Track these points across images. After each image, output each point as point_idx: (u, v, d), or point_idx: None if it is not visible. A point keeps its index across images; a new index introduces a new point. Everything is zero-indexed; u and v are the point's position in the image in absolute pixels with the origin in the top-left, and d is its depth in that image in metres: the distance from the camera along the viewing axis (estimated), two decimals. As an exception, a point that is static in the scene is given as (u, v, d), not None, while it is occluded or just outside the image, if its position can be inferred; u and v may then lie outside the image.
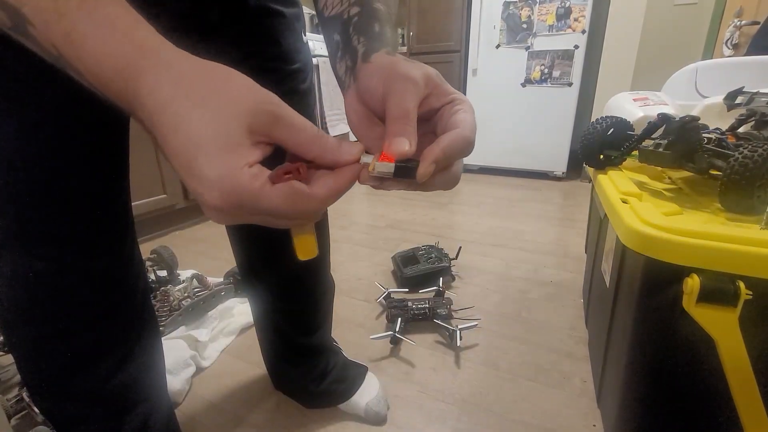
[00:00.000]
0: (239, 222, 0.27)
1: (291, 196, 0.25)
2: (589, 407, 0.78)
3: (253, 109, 0.24)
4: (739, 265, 0.46)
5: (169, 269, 1.18)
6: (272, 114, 0.25)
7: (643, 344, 0.56)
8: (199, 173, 0.23)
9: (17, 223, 0.38)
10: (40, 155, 0.36)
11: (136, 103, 0.24)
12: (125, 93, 0.24)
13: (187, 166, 0.23)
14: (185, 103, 0.23)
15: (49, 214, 0.39)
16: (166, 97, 0.23)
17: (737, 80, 0.85)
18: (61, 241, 0.40)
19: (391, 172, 0.27)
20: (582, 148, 0.86)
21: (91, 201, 0.42)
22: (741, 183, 0.56)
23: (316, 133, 0.27)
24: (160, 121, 0.23)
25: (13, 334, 0.43)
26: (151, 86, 0.23)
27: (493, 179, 2.72)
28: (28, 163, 0.36)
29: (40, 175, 0.37)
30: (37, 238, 0.39)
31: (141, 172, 1.53)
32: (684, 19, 2.45)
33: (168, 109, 0.23)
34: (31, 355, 0.44)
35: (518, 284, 1.25)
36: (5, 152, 0.35)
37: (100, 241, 0.44)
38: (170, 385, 0.77)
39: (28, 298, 0.41)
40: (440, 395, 0.81)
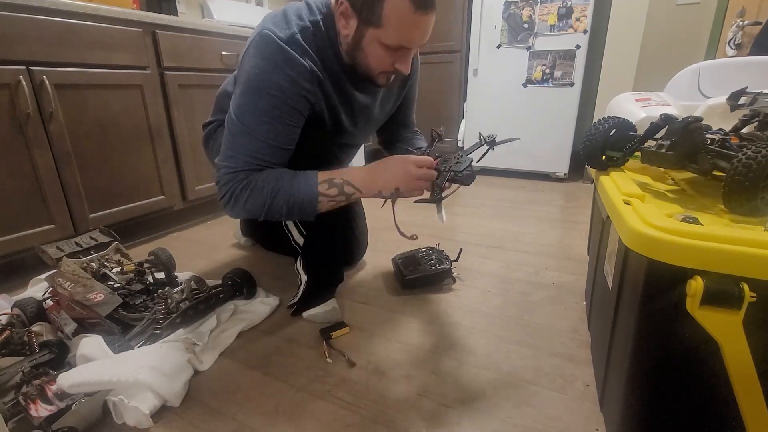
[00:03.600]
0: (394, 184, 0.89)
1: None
2: (591, 411, 0.77)
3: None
4: (743, 267, 0.45)
5: (166, 271, 1.18)
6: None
7: (646, 347, 0.55)
8: (397, 178, 0.88)
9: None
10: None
11: (349, 175, 0.89)
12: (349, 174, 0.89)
13: (386, 181, 0.89)
14: (372, 171, 0.91)
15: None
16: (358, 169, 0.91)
17: (740, 80, 0.84)
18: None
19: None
20: (584, 149, 0.86)
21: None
22: (745, 184, 0.56)
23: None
24: (362, 172, 0.90)
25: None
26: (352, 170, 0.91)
27: (494, 180, 2.71)
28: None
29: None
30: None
31: (139, 173, 1.53)
32: (686, 19, 2.45)
33: (364, 168, 0.92)
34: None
35: (520, 287, 1.25)
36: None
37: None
38: (167, 389, 0.76)
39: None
40: (441, 398, 0.80)
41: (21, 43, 1.16)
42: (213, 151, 1.16)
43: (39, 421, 0.68)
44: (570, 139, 2.56)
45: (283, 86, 0.83)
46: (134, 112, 1.49)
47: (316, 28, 0.87)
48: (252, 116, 0.85)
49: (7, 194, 1.18)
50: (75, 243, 1.15)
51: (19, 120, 1.18)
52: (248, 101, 0.85)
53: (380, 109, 1.12)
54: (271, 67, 0.82)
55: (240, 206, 0.87)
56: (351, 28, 0.84)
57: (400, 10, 0.77)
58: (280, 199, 0.86)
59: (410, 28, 0.80)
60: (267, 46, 0.83)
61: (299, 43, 0.84)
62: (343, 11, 0.83)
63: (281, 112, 0.86)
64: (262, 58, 0.83)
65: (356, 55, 0.87)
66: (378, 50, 0.84)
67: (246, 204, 0.87)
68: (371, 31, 0.82)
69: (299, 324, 1.06)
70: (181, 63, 1.61)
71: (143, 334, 0.91)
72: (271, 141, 0.87)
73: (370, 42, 0.83)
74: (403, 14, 0.78)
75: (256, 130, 0.85)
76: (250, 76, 0.84)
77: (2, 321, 0.93)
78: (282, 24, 0.85)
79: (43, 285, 1.12)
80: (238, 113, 0.86)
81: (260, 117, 0.85)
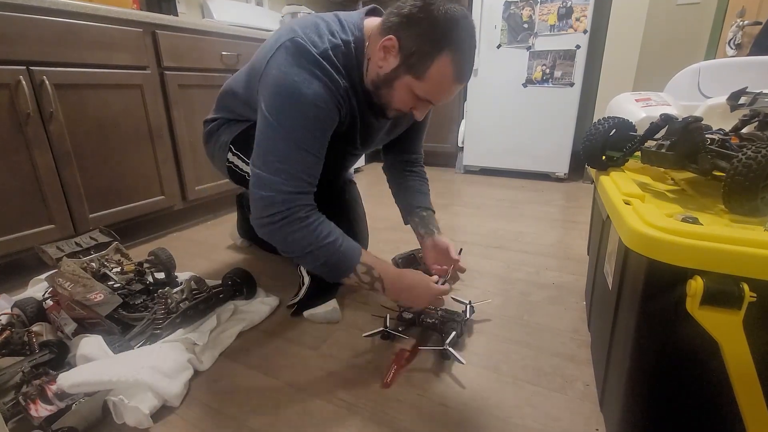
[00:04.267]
0: (411, 296, 0.94)
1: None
2: (591, 411, 0.77)
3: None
4: (743, 267, 0.45)
5: (166, 271, 1.18)
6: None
7: (646, 347, 0.55)
8: (421, 299, 0.95)
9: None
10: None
11: (384, 275, 0.90)
12: (385, 273, 0.90)
13: (409, 297, 0.94)
14: (402, 279, 0.93)
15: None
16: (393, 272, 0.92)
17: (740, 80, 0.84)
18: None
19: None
20: (584, 149, 0.86)
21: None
22: (745, 184, 0.56)
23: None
24: (394, 276, 0.91)
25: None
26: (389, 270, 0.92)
27: (494, 180, 2.71)
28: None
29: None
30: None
31: (139, 173, 1.53)
32: (686, 18, 2.45)
33: (397, 272, 0.93)
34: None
35: (520, 286, 1.25)
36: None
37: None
38: (167, 389, 0.76)
39: None
40: (441, 398, 0.80)
41: (21, 43, 1.16)
42: (215, 149, 1.16)
43: (39, 421, 0.68)
44: (570, 139, 2.56)
45: (324, 97, 0.82)
46: (134, 112, 1.49)
47: (347, 48, 0.86)
48: (298, 125, 0.81)
49: (7, 194, 1.18)
50: (75, 243, 1.15)
51: (19, 120, 1.18)
52: (291, 109, 0.81)
53: (390, 132, 1.13)
54: (309, 76, 0.80)
55: (283, 234, 0.83)
56: (389, 66, 0.83)
57: (444, 74, 0.81)
58: (323, 252, 0.84)
59: (444, 91, 0.85)
60: (303, 55, 0.81)
61: (332, 60, 0.83)
62: (388, 46, 0.81)
63: (324, 123, 0.84)
64: (299, 67, 0.80)
65: (381, 88, 0.87)
66: (405, 95, 0.85)
67: (291, 236, 0.82)
68: (409, 78, 0.82)
69: (299, 324, 1.06)
70: (181, 63, 1.61)
71: (143, 334, 0.91)
72: (317, 153, 0.85)
73: (402, 86, 0.84)
74: (445, 78, 0.82)
75: (304, 141, 0.82)
76: (287, 83, 0.80)
77: (2, 321, 0.93)
78: (314, 36, 0.83)
79: (43, 285, 1.12)
80: (282, 121, 0.81)
81: (308, 127, 0.82)
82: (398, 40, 0.80)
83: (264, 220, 0.83)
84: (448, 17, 0.77)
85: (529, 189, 2.47)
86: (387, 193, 1.30)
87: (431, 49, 0.78)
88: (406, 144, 1.24)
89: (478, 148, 2.85)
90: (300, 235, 0.82)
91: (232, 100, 1.07)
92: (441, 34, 0.77)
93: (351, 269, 0.86)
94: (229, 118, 1.12)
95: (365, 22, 0.89)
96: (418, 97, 0.85)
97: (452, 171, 3.02)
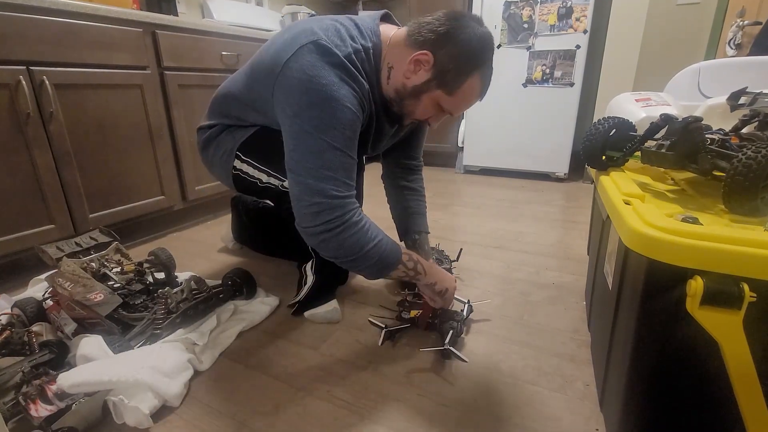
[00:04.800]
0: (442, 287, 0.97)
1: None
2: (591, 411, 0.77)
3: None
4: (743, 267, 0.45)
5: (166, 271, 1.18)
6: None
7: (646, 347, 0.55)
8: (450, 280, 0.99)
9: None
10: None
11: (424, 263, 0.94)
12: (424, 261, 0.95)
13: (443, 278, 0.98)
14: (433, 265, 0.98)
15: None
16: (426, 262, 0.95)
17: (740, 80, 0.84)
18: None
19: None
20: (584, 149, 0.86)
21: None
22: (745, 184, 0.56)
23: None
24: (429, 264, 0.95)
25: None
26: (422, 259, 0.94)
27: (494, 180, 2.71)
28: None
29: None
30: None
31: (139, 173, 1.53)
32: (686, 18, 2.45)
33: (431, 266, 0.97)
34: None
35: (520, 287, 1.25)
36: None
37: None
38: (167, 389, 0.76)
39: None
40: (441, 398, 0.80)
41: (21, 43, 1.16)
42: (215, 157, 1.12)
43: (39, 421, 0.68)
44: (570, 139, 2.56)
45: (353, 100, 0.82)
46: (134, 112, 1.49)
47: (366, 54, 0.86)
48: (335, 129, 0.80)
49: (7, 194, 1.18)
50: (75, 243, 1.15)
51: (19, 120, 1.18)
52: (325, 113, 0.79)
53: (394, 136, 1.14)
54: (337, 79, 0.80)
55: (339, 241, 0.81)
56: (419, 79, 0.85)
57: (473, 91, 0.87)
58: (375, 251, 0.84)
59: (466, 105, 0.91)
60: (329, 58, 0.80)
61: (356, 64, 0.84)
62: (422, 61, 0.83)
63: (356, 126, 0.84)
64: (326, 69, 0.79)
65: (407, 99, 0.89)
66: (430, 107, 0.89)
67: (347, 241, 0.82)
68: (439, 92, 0.86)
69: (299, 324, 1.06)
70: (181, 63, 1.61)
71: (143, 334, 0.91)
72: (355, 156, 0.85)
73: (430, 98, 0.87)
74: (471, 95, 0.88)
75: (345, 145, 0.82)
76: (316, 85, 0.78)
77: (2, 321, 0.93)
78: (336, 39, 0.83)
79: (43, 285, 1.12)
80: (319, 126, 0.79)
81: (344, 130, 0.81)
82: (434, 57, 0.83)
83: (318, 228, 0.81)
84: (480, 38, 0.83)
85: (529, 189, 2.47)
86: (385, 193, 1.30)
87: (466, 69, 0.83)
88: (407, 149, 1.24)
89: (478, 148, 2.85)
90: (355, 239, 0.82)
91: (231, 104, 1.04)
92: (475, 55, 0.83)
93: (400, 261, 0.89)
94: (228, 124, 1.08)
95: (381, 29, 0.90)
96: (441, 109, 0.90)
97: (452, 171, 3.02)
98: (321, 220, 0.80)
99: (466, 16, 0.84)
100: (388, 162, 1.27)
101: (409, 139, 1.21)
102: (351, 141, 0.83)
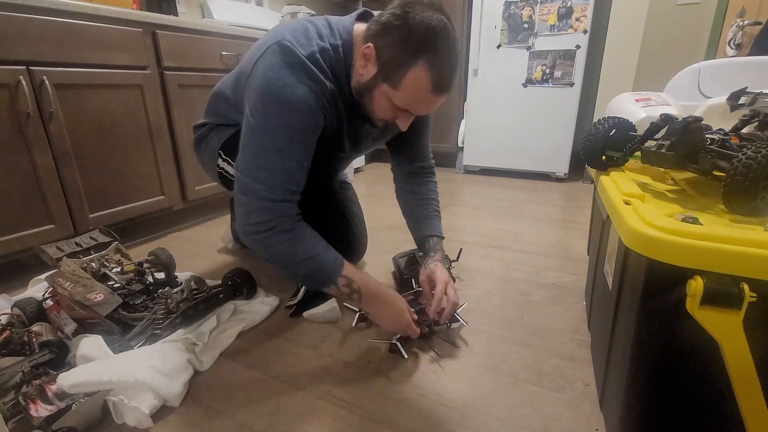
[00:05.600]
0: (384, 313, 0.91)
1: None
2: (591, 411, 0.77)
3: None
4: (743, 267, 0.45)
5: (166, 271, 1.18)
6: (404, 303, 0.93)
7: (646, 347, 0.55)
8: (389, 317, 0.91)
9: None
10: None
11: (363, 289, 0.88)
12: (364, 286, 0.88)
13: (379, 314, 0.91)
14: (379, 298, 0.90)
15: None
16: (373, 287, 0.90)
17: (740, 80, 0.84)
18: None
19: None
20: (584, 149, 0.86)
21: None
22: (745, 184, 0.56)
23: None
24: (372, 291, 0.90)
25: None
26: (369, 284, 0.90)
27: (494, 180, 2.71)
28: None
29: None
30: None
31: (139, 173, 1.53)
32: (686, 18, 2.45)
33: (377, 289, 0.91)
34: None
35: (520, 287, 1.25)
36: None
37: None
38: (167, 389, 0.76)
39: None
40: (441, 398, 0.80)
41: (21, 43, 1.16)
42: (205, 155, 1.14)
43: (39, 421, 0.68)
44: (570, 139, 2.56)
45: (309, 101, 0.80)
46: (134, 112, 1.49)
47: (335, 52, 0.85)
48: (281, 131, 0.80)
49: (7, 194, 1.18)
50: (75, 243, 1.15)
51: (19, 120, 1.18)
52: (275, 114, 0.79)
53: (379, 138, 1.11)
54: (295, 80, 0.79)
55: (267, 244, 0.82)
56: (368, 74, 0.82)
57: (420, 84, 0.78)
58: (305, 265, 0.83)
59: (421, 102, 0.82)
60: (290, 58, 0.79)
61: (319, 63, 0.82)
62: (366, 54, 0.80)
63: (309, 129, 0.83)
64: (285, 70, 0.79)
65: (363, 97, 0.86)
66: (385, 104, 0.84)
67: (277, 246, 0.82)
68: (385, 87, 0.81)
69: (299, 324, 1.06)
70: (181, 63, 1.61)
71: (143, 334, 0.91)
72: (303, 161, 0.83)
73: (380, 94, 0.83)
74: (420, 89, 0.78)
75: (287, 148, 0.80)
76: (272, 86, 0.79)
77: (2, 321, 0.93)
78: (302, 38, 0.82)
79: (43, 285, 1.12)
80: (265, 126, 0.80)
81: (292, 134, 0.80)
82: (375, 48, 0.79)
83: (248, 228, 0.82)
84: (425, 25, 0.74)
85: (529, 189, 2.47)
86: (386, 193, 1.30)
87: (406, 57, 0.76)
88: (413, 150, 1.19)
89: (478, 148, 2.85)
90: (283, 248, 0.82)
91: (221, 103, 1.05)
92: (417, 42, 0.75)
93: (331, 281, 0.86)
94: (217, 123, 1.10)
95: (355, 27, 0.88)
96: (396, 107, 0.84)
97: (452, 171, 3.02)
98: (251, 220, 0.81)
99: (418, 3, 0.76)
100: (398, 165, 1.23)
101: (411, 138, 1.17)
102: (300, 144, 0.82)
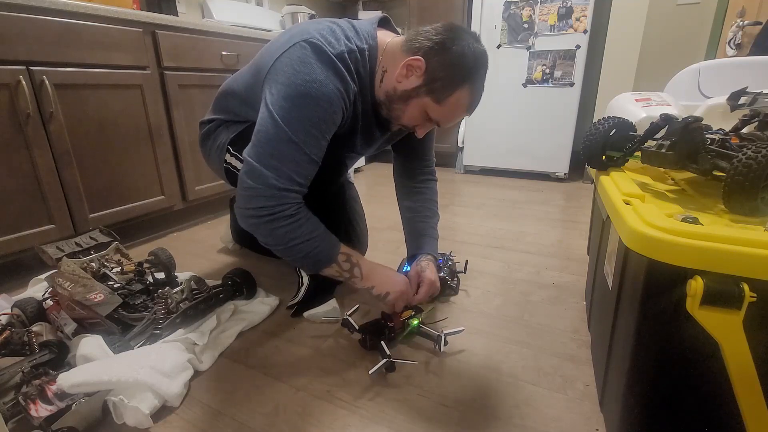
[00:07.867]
0: (392, 289, 0.95)
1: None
2: (591, 411, 0.77)
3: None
4: (743, 267, 0.45)
5: (166, 271, 1.18)
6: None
7: (646, 347, 0.55)
8: (392, 284, 0.95)
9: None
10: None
11: (361, 262, 0.93)
12: (363, 260, 0.94)
13: (382, 282, 0.95)
14: (378, 268, 0.96)
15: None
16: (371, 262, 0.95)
17: (741, 80, 0.84)
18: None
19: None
20: (584, 149, 0.86)
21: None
22: (745, 184, 0.55)
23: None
24: (371, 264, 0.95)
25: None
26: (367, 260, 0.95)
27: (494, 180, 2.71)
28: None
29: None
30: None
31: (139, 173, 1.53)
32: (686, 19, 2.45)
33: (373, 270, 0.94)
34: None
35: (520, 287, 1.24)
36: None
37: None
38: (167, 389, 0.76)
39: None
40: (441, 399, 0.80)
41: (21, 43, 1.16)
42: (211, 151, 1.15)
43: (39, 421, 0.68)
44: (570, 139, 2.56)
45: (333, 100, 0.82)
46: (134, 112, 1.49)
47: (361, 55, 0.87)
48: (300, 124, 0.81)
49: (7, 194, 1.18)
50: (75, 243, 1.15)
51: (19, 120, 1.18)
52: (297, 107, 0.80)
53: (390, 140, 1.14)
54: (323, 77, 0.80)
55: (269, 228, 0.83)
56: (410, 84, 0.86)
57: (460, 104, 0.88)
58: (308, 245, 0.85)
59: (454, 118, 0.92)
60: (320, 56, 0.81)
61: (347, 63, 0.84)
62: (414, 66, 0.84)
63: (327, 126, 0.84)
64: (314, 66, 0.80)
65: (396, 102, 0.89)
66: (417, 114, 0.90)
67: (277, 230, 0.83)
68: (427, 100, 0.86)
69: (299, 324, 1.06)
70: (181, 63, 1.61)
71: (143, 334, 0.91)
72: (314, 155, 0.84)
73: (418, 105, 0.88)
74: (459, 107, 0.89)
75: (304, 141, 0.81)
76: (299, 80, 0.80)
77: (2, 321, 0.93)
78: (330, 37, 0.84)
79: (43, 285, 1.12)
80: (285, 117, 0.80)
81: (309, 128, 0.81)
82: (426, 63, 0.84)
83: (249, 212, 0.83)
84: (475, 54, 0.85)
85: (529, 189, 2.47)
86: (386, 193, 1.30)
87: (456, 79, 0.85)
88: (419, 151, 1.22)
89: (478, 148, 2.85)
90: (285, 230, 0.83)
91: (232, 100, 1.06)
92: (468, 68, 0.85)
93: (332, 259, 0.88)
94: (226, 119, 1.11)
95: (378, 33, 0.91)
96: (428, 118, 0.90)
97: (452, 171, 3.02)
98: (253, 204, 0.82)
99: (464, 31, 0.85)
100: (400, 162, 1.26)
101: (416, 145, 1.19)
102: (315, 140, 0.83)
